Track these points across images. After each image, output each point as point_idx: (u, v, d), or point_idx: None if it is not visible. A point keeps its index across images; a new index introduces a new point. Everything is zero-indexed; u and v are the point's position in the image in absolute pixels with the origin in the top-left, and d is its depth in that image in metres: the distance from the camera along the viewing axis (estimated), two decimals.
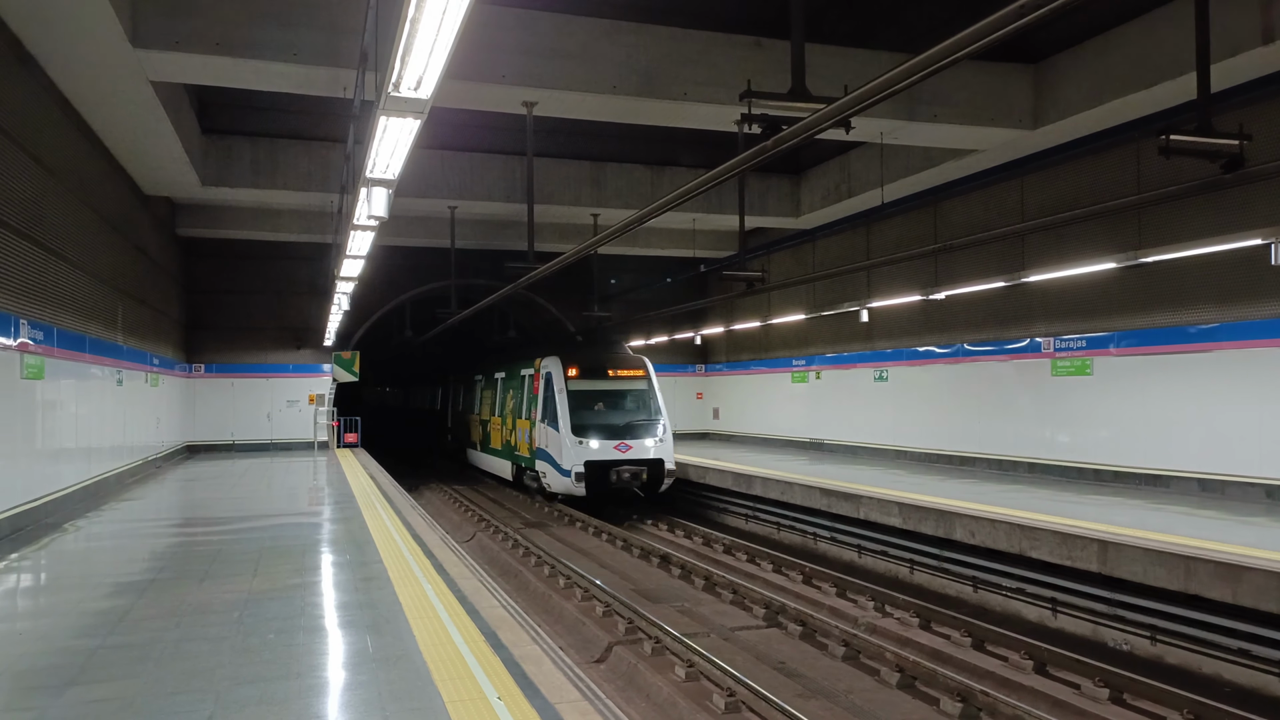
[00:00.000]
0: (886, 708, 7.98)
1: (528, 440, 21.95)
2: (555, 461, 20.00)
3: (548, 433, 20.44)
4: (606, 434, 19.79)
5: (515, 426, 23.32)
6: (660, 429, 20.26)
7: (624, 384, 21.18)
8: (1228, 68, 11.03)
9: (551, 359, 21.01)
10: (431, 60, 5.82)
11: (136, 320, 18.45)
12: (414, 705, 5.15)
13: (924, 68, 5.62)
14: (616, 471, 19.39)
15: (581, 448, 19.51)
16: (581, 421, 19.95)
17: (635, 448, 19.75)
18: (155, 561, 9.64)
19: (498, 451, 25.76)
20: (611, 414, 20.50)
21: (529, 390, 22.10)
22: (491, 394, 26.80)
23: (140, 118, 13.72)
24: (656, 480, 19.91)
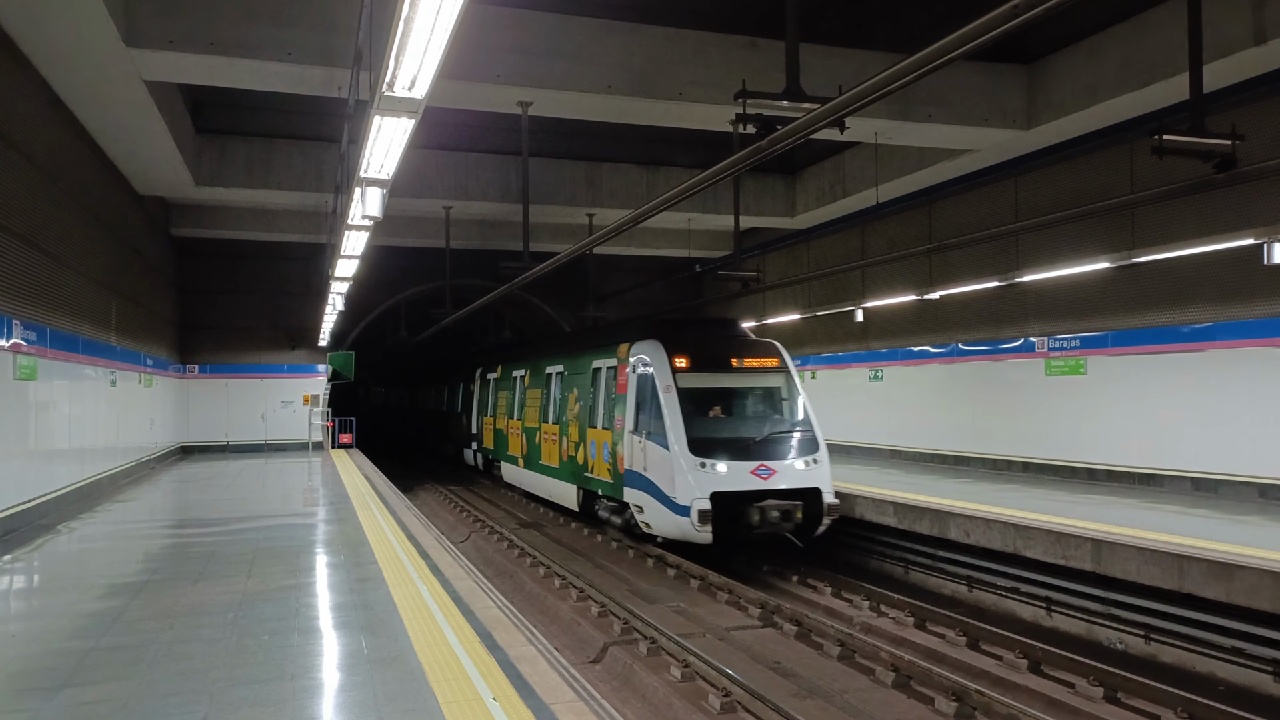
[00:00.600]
0: (882, 707, 7.99)
1: (607, 459, 15.77)
2: (662, 492, 13.63)
3: (646, 450, 14.13)
4: (739, 453, 13.51)
5: (584, 438, 17.06)
6: (814, 444, 14.01)
7: (755, 379, 14.92)
8: (1220, 68, 11.07)
9: (649, 345, 14.78)
10: (426, 59, 5.81)
11: (130, 321, 18.40)
12: (409, 706, 5.14)
13: (918, 68, 5.64)
14: (760, 509, 13.00)
15: (705, 473, 13.15)
16: (703, 434, 13.66)
17: (781, 472, 13.44)
18: (149, 563, 9.61)
19: (552, 471, 19.13)
20: (742, 423, 14.43)
21: (607, 388, 16.18)
22: (542, 393, 20.15)
23: (134, 117, 13.68)
24: (814, 519, 13.53)
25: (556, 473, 18.85)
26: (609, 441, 15.64)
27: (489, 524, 18.96)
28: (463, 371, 30.57)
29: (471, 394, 28.14)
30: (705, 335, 15.45)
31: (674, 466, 13.30)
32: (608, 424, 15.81)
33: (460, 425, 29.93)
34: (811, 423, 14.34)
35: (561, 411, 18.54)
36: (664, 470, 13.54)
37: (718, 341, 15.17)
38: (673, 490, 13.30)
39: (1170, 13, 11.61)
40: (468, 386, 28.95)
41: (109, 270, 16.56)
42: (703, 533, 12.93)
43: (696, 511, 12.83)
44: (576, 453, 17.46)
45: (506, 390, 23.55)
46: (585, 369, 17.45)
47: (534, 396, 20.71)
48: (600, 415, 16.31)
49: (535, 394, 20.59)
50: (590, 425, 16.72)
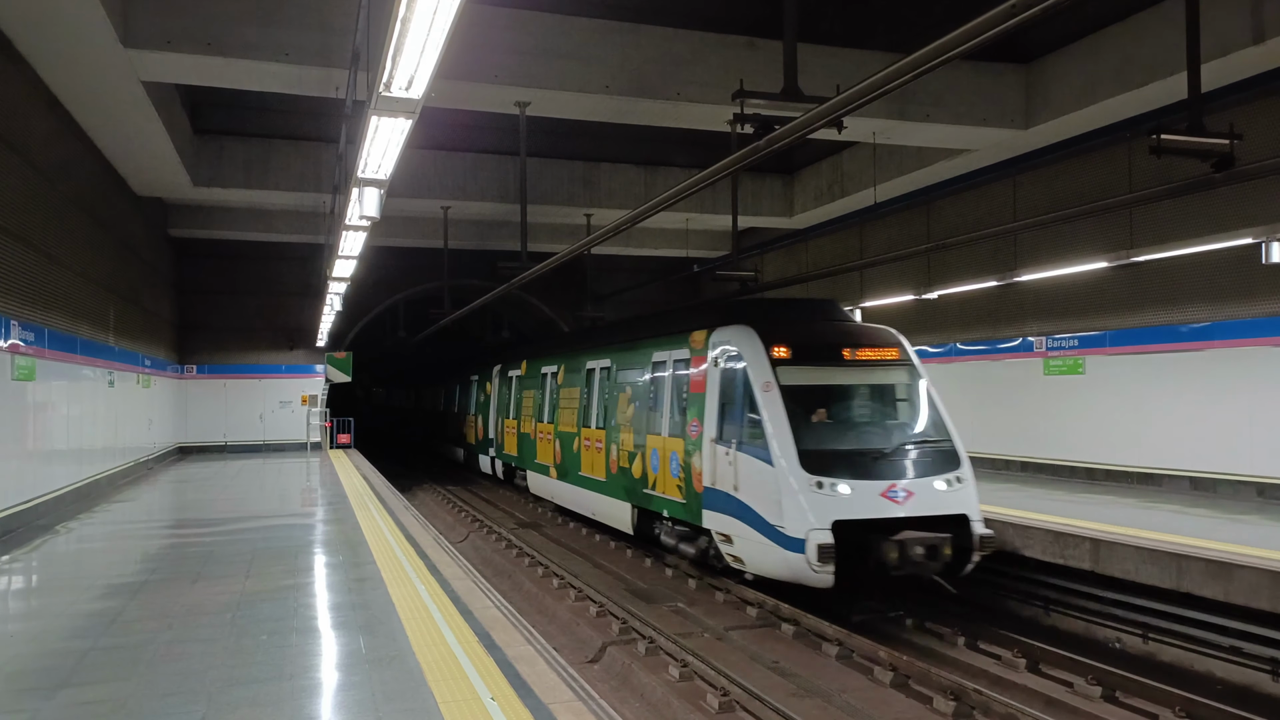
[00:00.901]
0: (880, 706, 7.99)
1: (677, 473, 12.76)
2: (762, 519, 10.62)
3: (738, 464, 11.18)
4: (865, 470, 10.59)
5: (641, 447, 14.03)
6: (954, 458, 11.02)
7: (873, 374, 11.81)
8: (1218, 67, 11.08)
9: (737, 331, 11.80)
10: (423, 60, 5.82)
11: (128, 321, 18.39)
12: (407, 706, 5.14)
13: (915, 68, 5.64)
14: (900, 544, 10.00)
15: (823, 496, 10.23)
16: (817, 445, 10.70)
17: (919, 494, 10.50)
18: (147, 563, 9.61)
19: (596, 485, 16.13)
20: (864, 431, 11.44)
21: (675, 386, 13.14)
22: (582, 392, 17.12)
23: (131, 118, 13.67)
24: (962, 555, 10.45)
25: (603, 487, 15.76)
26: (679, 452, 12.70)
27: (487, 524, 18.95)
28: (476, 369, 27.55)
29: (488, 394, 25.04)
30: (804, 319, 12.43)
31: (780, 486, 10.36)
32: (676, 430, 12.91)
33: (473, 429, 27.00)
34: (949, 430, 11.31)
35: (609, 414, 15.59)
36: (765, 491, 10.60)
37: (822, 327, 12.17)
38: (779, 517, 10.32)
39: (1168, 12, 11.62)
40: (483, 386, 25.97)
41: (107, 271, 16.55)
42: (822, 573, 9.93)
43: (815, 546, 9.84)
44: (631, 464, 14.47)
45: (533, 389, 20.39)
46: (642, 363, 14.47)
47: (570, 396, 17.77)
48: (665, 419, 13.33)
49: (572, 393, 17.72)
50: (651, 431, 13.76)
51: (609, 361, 15.97)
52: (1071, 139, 14.97)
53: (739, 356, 11.49)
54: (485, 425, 25.31)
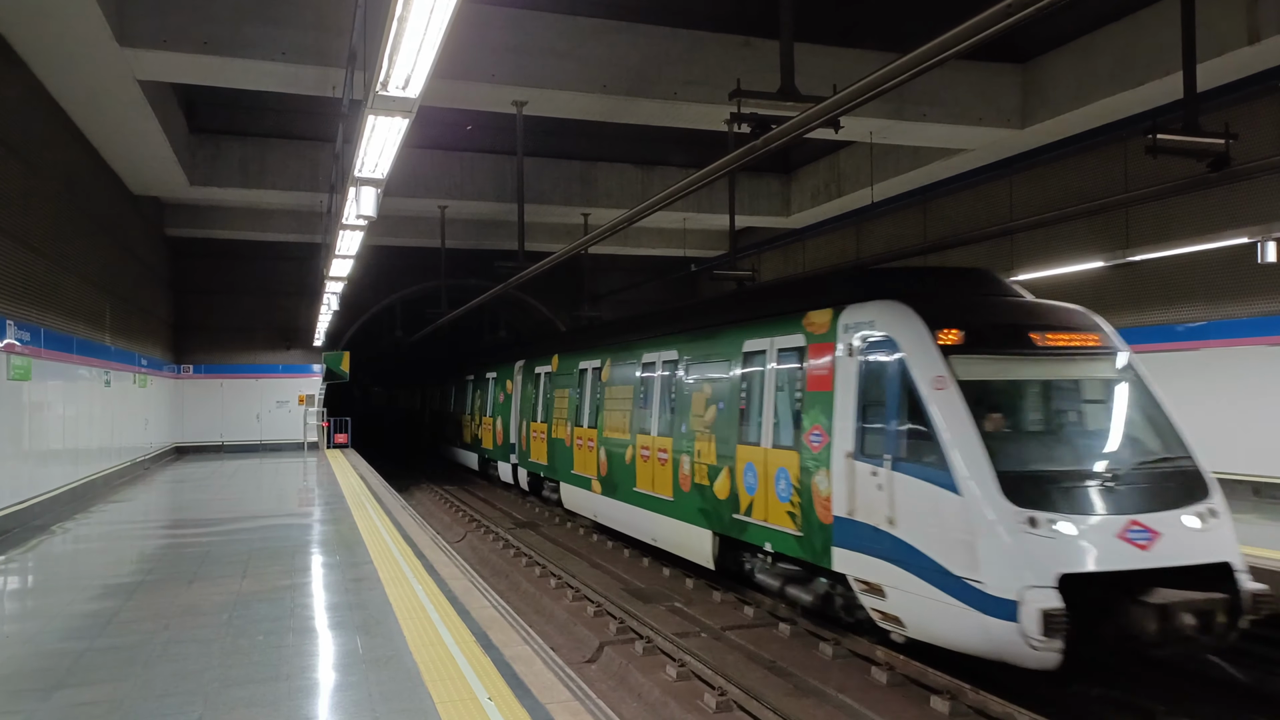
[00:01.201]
0: (877, 706, 7.99)
1: (786, 495, 9.91)
2: (942, 570, 7.72)
3: (899, 489, 8.22)
4: (1091, 500, 7.58)
5: (731, 459, 11.20)
6: (1200, 481, 8.06)
7: (1074, 366, 8.82)
8: (1214, 67, 11.09)
9: (885, 309, 8.86)
10: (419, 59, 5.81)
11: (124, 320, 18.36)
12: (404, 706, 5.13)
13: (912, 67, 5.65)
14: (1162, 610, 7.05)
15: (1039, 538, 7.25)
16: (1020, 464, 7.77)
17: (1166, 534, 7.47)
18: (144, 563, 9.59)
19: (662, 505, 13.19)
20: (1077, 446, 8.43)
21: (785, 382, 10.23)
22: (637, 390, 14.36)
23: (127, 117, 13.65)
24: (1232, 615, 7.38)
25: (670, 508, 12.93)
26: (790, 468, 9.79)
27: (485, 524, 18.94)
28: (494, 365, 24.82)
29: (509, 394, 22.29)
30: (967, 292, 9.37)
31: (973, 523, 7.39)
32: (785, 440, 10.01)
33: (490, 433, 24.19)
34: (1185, 443, 8.29)
35: (678, 418, 12.75)
36: (946, 528, 7.66)
37: (996, 304, 9.06)
38: (972, 567, 7.35)
39: (1164, 11, 11.64)
40: (502, 384, 23.25)
41: (103, 270, 16.52)
42: (1045, 650, 6.87)
43: (1036, 613, 6.80)
44: (712, 482, 11.64)
45: (568, 388, 17.87)
46: (727, 353, 11.63)
47: (620, 396, 15.04)
48: (766, 425, 10.43)
49: (622, 391, 14.95)
50: (745, 440, 10.91)
51: (675, 353, 13.19)
52: (1068, 138, 14.99)
53: (890, 343, 8.47)
54: (505, 429, 22.53)
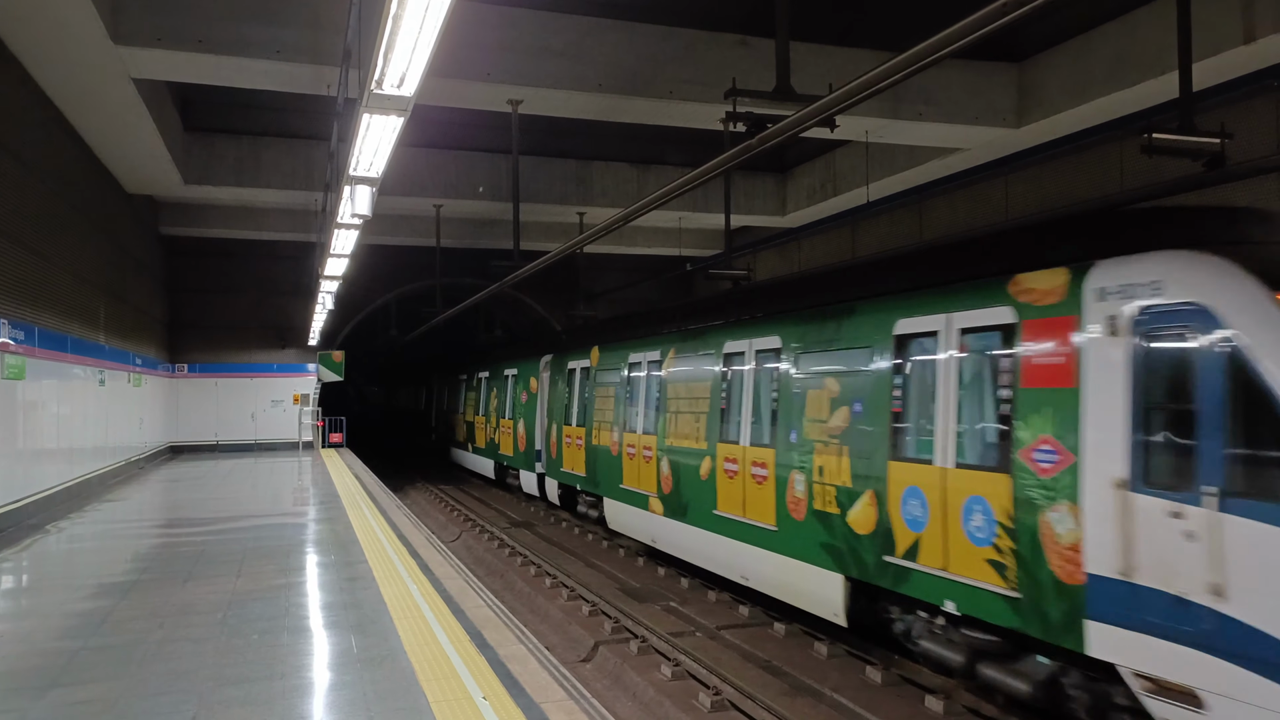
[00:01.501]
0: (871, 706, 8.00)
1: (993, 538, 7.16)
2: None
3: (1234, 539, 5.45)
4: None
5: (877, 480, 8.52)
6: None
7: None
8: (1210, 67, 11.10)
9: (1190, 261, 6.12)
10: (414, 57, 5.80)
11: (119, 320, 18.32)
12: (399, 705, 5.12)
13: (907, 66, 5.64)
14: None
15: None
16: None
17: None
18: (138, 562, 9.57)
19: (758, 535, 10.49)
20: None
21: (970, 375, 7.69)
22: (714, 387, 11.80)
23: (122, 115, 13.61)
24: None
25: (774, 541, 10.08)
26: (995, 498, 7.14)
27: (480, 523, 18.93)
28: (513, 362, 22.55)
29: (534, 393, 20.20)
30: None
31: None
32: (987, 457, 7.37)
33: (510, 438, 22.03)
34: None
35: (788, 423, 9.93)
36: None
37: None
38: None
39: (1160, 11, 11.65)
40: (524, 383, 21.13)
41: (98, 269, 16.47)
42: None
43: None
44: (846, 509, 8.89)
45: (613, 386, 15.29)
46: (860, 338, 8.98)
47: (688, 395, 12.44)
48: (946, 435, 7.74)
49: (692, 391, 12.34)
50: (904, 456, 8.20)
51: (778, 340, 10.42)
52: (1063, 138, 14.99)
53: (1202, 315, 5.87)
54: (529, 433, 20.19)
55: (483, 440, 25.06)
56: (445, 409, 31.81)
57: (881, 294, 8.91)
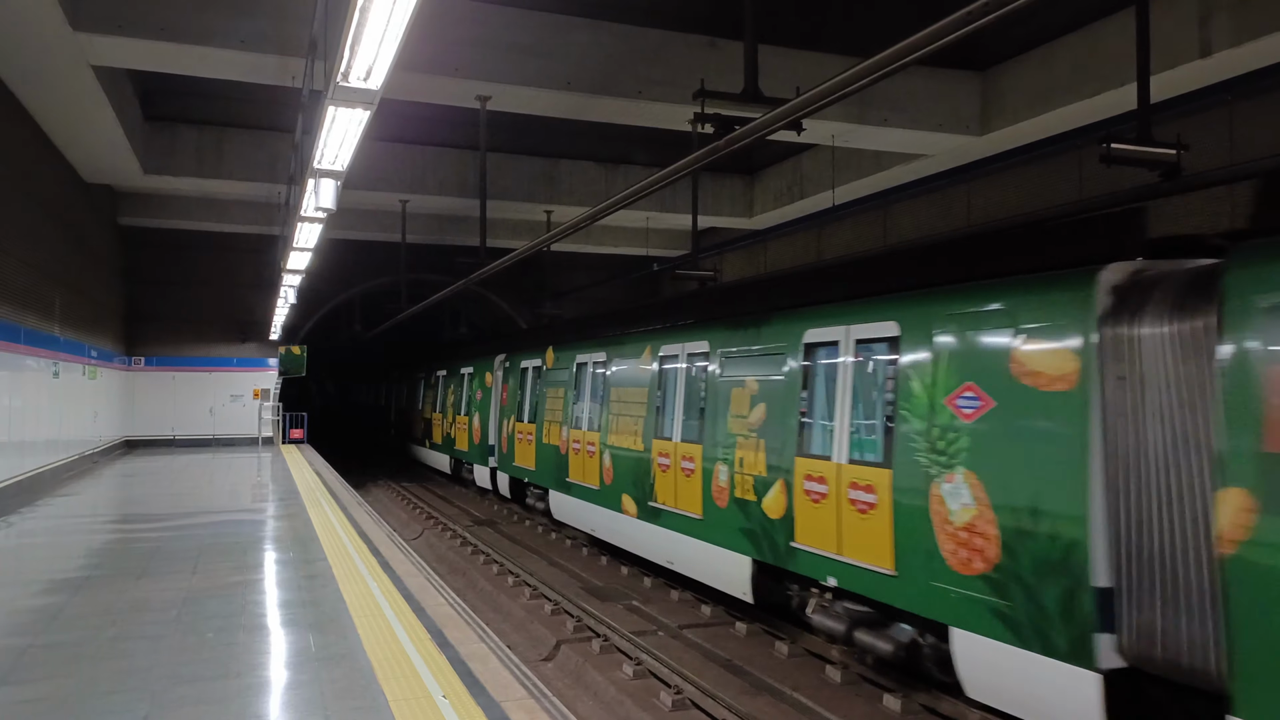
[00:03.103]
0: (831, 704, 8.07)
1: None
2: None
3: None
4: None
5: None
6: None
7: None
8: (1167, 79, 11.33)
9: None
10: (382, 50, 5.75)
11: (74, 311, 17.96)
12: (357, 704, 5.08)
13: (873, 71, 5.70)
14: None
15: None
16: None
17: None
18: (91, 558, 9.40)
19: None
20: None
21: None
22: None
23: (80, 103, 13.35)
24: None
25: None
26: None
27: (442, 520, 18.82)
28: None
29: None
30: None
31: None
32: None
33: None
34: None
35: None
36: None
37: None
38: None
39: (1120, 24, 11.87)
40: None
41: (53, 259, 16.14)
42: None
43: None
44: None
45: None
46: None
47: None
48: None
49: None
50: None
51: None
52: (1025, 146, 15.22)
53: None
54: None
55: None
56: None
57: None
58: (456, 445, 23.29)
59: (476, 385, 21.69)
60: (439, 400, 25.64)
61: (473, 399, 21.84)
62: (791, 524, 8.89)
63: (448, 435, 24.34)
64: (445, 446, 24.69)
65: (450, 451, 24.13)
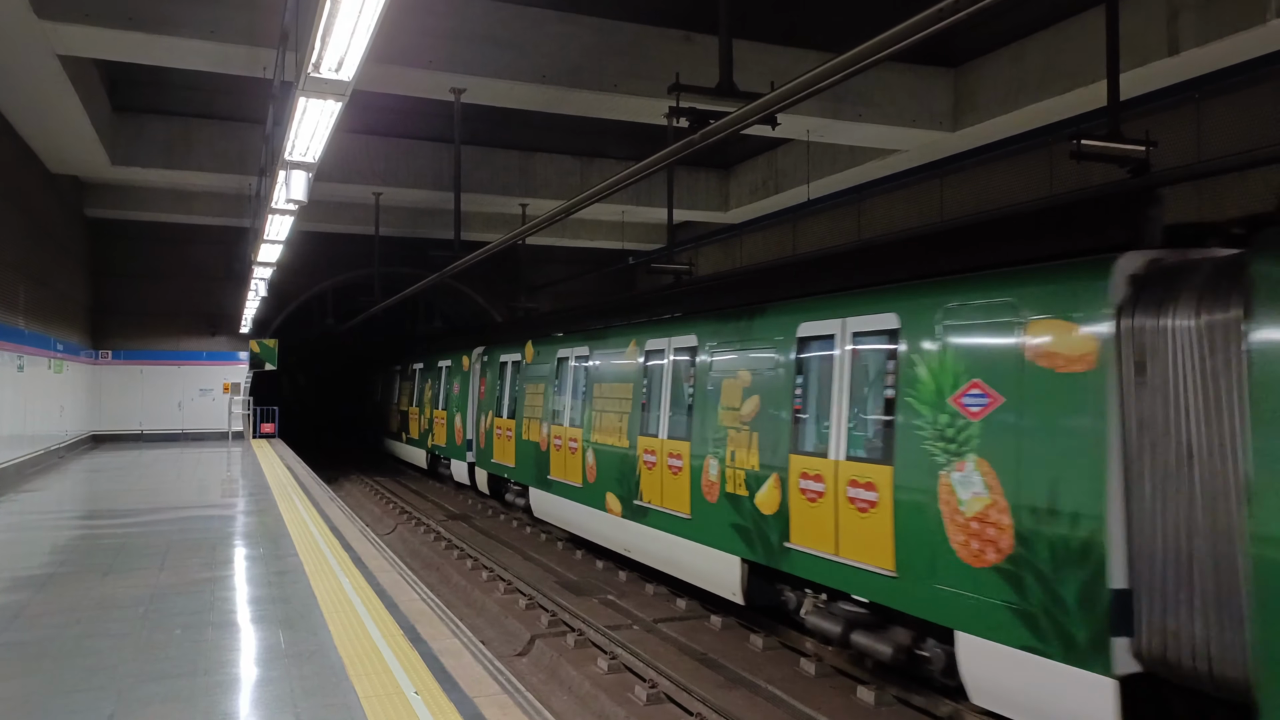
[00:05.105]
0: (805, 697, 8.11)
1: None
2: None
3: None
4: None
5: None
6: None
7: None
8: (1136, 77, 11.45)
9: None
10: (354, 41, 5.68)
11: (40, 303, 17.67)
12: (328, 701, 5.04)
13: (848, 66, 5.71)
14: None
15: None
16: None
17: None
18: (56, 555, 9.25)
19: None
20: None
21: None
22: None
23: (45, 92, 13.12)
24: None
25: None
26: None
27: (416, 516, 18.72)
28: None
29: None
30: None
31: None
32: None
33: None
34: None
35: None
36: None
37: None
38: None
39: (1091, 21, 11.98)
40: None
41: (17, 251, 15.86)
42: None
43: None
44: None
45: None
46: None
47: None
48: None
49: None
50: None
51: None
52: (997, 142, 15.34)
53: None
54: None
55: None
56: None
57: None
58: (434, 440, 22.90)
59: (454, 379, 21.36)
60: (415, 394, 25.27)
61: (450, 393, 21.50)
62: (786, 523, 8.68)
63: (424, 430, 24.00)
64: (421, 441, 24.40)
65: (426, 446, 23.82)
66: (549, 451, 14.83)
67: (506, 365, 17.59)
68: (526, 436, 15.93)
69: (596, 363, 13.25)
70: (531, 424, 15.67)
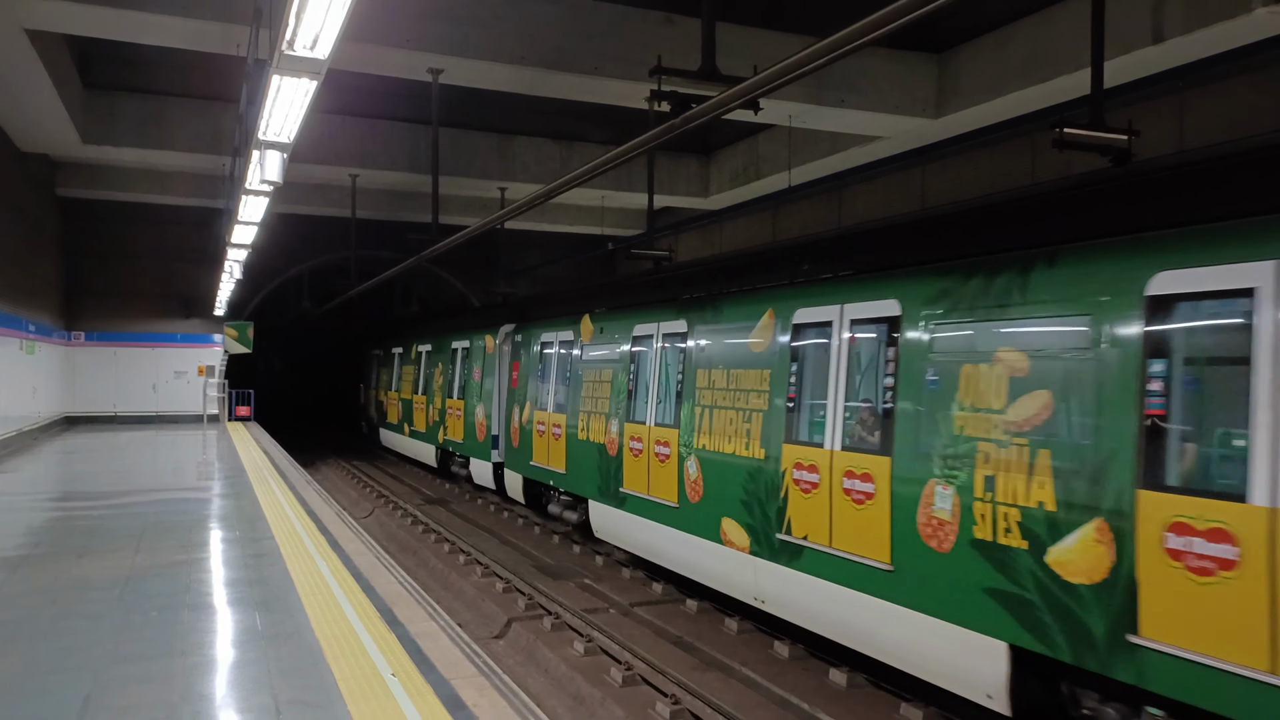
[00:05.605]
0: (778, 679, 8.16)
1: None
2: None
3: None
4: None
5: None
6: None
7: None
8: (1120, 65, 11.50)
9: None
10: (329, 19, 5.61)
11: (10, 284, 17.41)
12: (304, 683, 5.01)
13: (831, 50, 5.70)
14: None
15: None
16: None
17: None
18: (29, 537, 9.15)
19: None
20: None
21: None
22: None
23: (13, 68, 12.87)
24: None
25: None
26: None
27: (393, 499, 18.65)
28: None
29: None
30: None
31: None
32: None
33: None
34: None
35: None
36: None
37: None
38: None
39: (1075, 8, 12.00)
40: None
41: None
42: None
43: None
44: None
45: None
46: None
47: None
48: None
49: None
50: None
51: None
52: (980, 129, 15.35)
53: None
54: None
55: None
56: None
57: None
58: (449, 434, 19.68)
59: (473, 363, 18.39)
60: (422, 380, 21.99)
61: (469, 380, 18.49)
62: None
63: (434, 422, 20.80)
64: (430, 435, 21.14)
65: (436, 441, 20.62)
66: (620, 457, 11.76)
67: (551, 346, 14.56)
68: (584, 436, 12.81)
69: (702, 341, 10.12)
70: (593, 420, 12.58)
